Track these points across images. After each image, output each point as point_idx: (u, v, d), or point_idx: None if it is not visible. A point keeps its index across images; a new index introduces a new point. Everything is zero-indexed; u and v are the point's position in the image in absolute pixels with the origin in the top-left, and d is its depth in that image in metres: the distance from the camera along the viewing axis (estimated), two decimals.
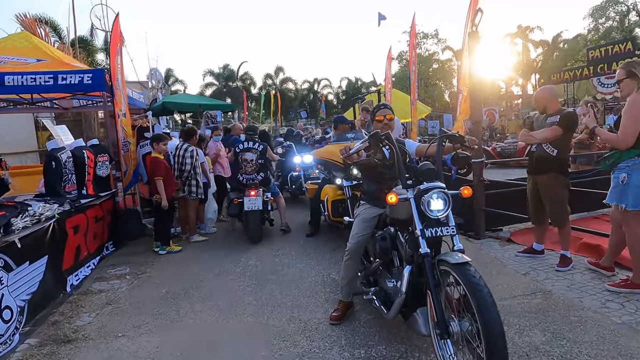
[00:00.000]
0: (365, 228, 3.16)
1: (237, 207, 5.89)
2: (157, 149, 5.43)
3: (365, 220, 3.17)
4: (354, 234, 3.19)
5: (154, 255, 5.40)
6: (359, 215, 3.26)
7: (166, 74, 39.53)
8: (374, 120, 3.28)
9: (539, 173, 4.16)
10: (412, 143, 3.35)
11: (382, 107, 3.27)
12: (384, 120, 3.20)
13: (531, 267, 4.13)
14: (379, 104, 3.35)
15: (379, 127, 3.19)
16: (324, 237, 5.74)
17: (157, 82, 10.64)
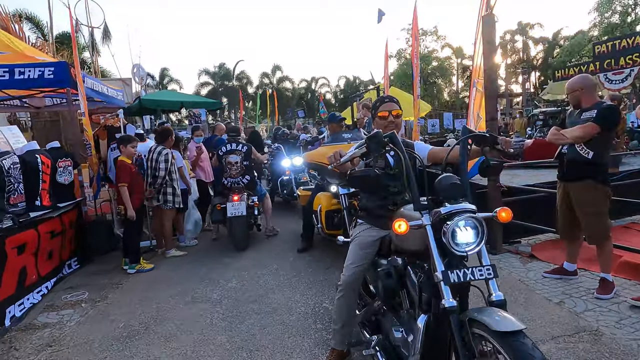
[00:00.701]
0: (364, 256, 2.46)
1: (220, 213, 5.44)
2: (125, 151, 4.72)
3: (364, 246, 2.47)
4: (349, 263, 2.49)
5: (121, 274, 4.69)
6: (355, 238, 2.56)
7: (161, 74, 38.83)
8: (375, 118, 2.57)
9: (572, 180, 3.47)
10: (422, 146, 2.65)
11: (387, 100, 2.55)
12: (388, 116, 2.48)
13: (564, 292, 3.43)
14: (382, 97, 2.63)
15: (383, 125, 2.50)
16: (317, 253, 5.03)
17: (140, 79, 9.92)
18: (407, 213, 1.99)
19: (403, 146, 2.06)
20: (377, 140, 1.97)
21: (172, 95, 8.57)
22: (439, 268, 1.73)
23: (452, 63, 39.31)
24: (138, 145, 5.60)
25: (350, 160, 2.15)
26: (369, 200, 2.58)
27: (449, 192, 1.81)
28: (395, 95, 8.33)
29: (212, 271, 4.60)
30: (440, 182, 1.84)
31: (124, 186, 4.58)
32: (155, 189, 5.07)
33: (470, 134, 2.04)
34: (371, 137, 1.98)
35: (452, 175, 1.87)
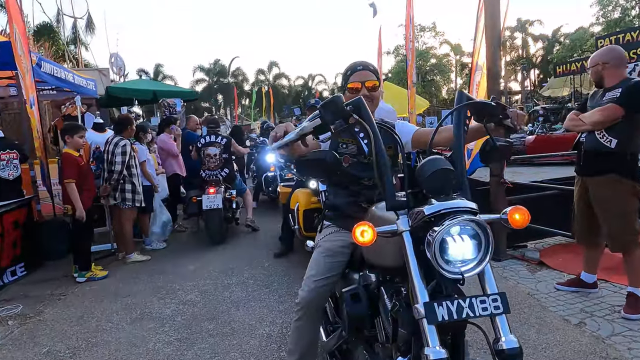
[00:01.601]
0: (330, 267, 1.88)
1: (196, 205, 5.23)
2: (71, 143, 4.09)
3: (330, 254, 1.90)
4: (311, 275, 1.91)
5: (69, 283, 4.09)
6: (319, 245, 1.98)
7: (155, 70, 38.17)
8: (345, 91, 1.95)
9: (592, 174, 2.88)
10: (407, 127, 2.05)
11: (360, 67, 1.92)
12: (361, 89, 1.88)
13: (584, 310, 2.84)
14: (354, 63, 2.00)
15: None
16: (296, 259, 4.43)
17: (118, 69, 9.31)
18: (378, 214, 1.42)
19: (376, 123, 1.47)
20: (336, 108, 1.36)
21: (143, 84, 7.91)
22: (421, 298, 1.15)
23: (450, 60, 38.74)
24: (98, 137, 5.04)
25: (302, 142, 1.53)
26: (336, 196, 2.00)
27: (435, 182, 1.22)
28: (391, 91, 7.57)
29: (174, 280, 4.00)
30: (424, 168, 1.25)
31: (70, 182, 3.97)
32: (111, 185, 4.46)
33: (469, 101, 1.44)
34: (327, 104, 1.37)
35: (439, 158, 1.27)
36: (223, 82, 40.12)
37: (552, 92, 21.12)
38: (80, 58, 13.30)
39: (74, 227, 4.14)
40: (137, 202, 4.59)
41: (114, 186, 4.47)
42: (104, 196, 4.57)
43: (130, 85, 7.24)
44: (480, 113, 1.47)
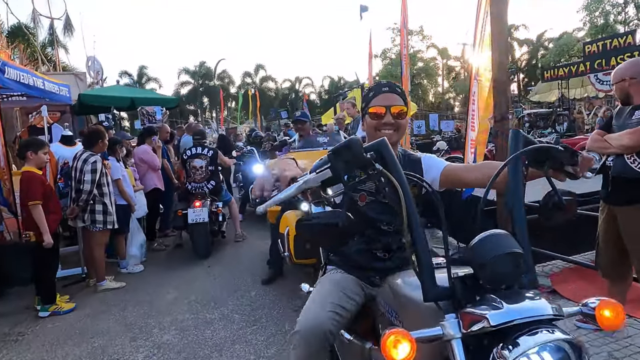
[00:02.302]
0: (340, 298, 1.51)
1: (182, 219, 5.11)
2: (35, 160, 3.64)
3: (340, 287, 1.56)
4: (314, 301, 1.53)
5: (31, 317, 3.65)
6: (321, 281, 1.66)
7: (139, 72, 37.37)
8: (365, 115, 1.62)
9: (621, 203, 2.56)
10: (434, 161, 1.70)
11: (385, 89, 1.58)
12: (385, 114, 1.54)
13: (612, 355, 2.52)
14: (378, 83, 1.66)
15: (375, 128, 1.58)
16: (287, 285, 4.03)
17: (96, 73, 8.80)
18: (407, 299, 1.07)
19: (401, 166, 1.11)
20: (352, 156, 1.01)
21: (120, 91, 7.35)
22: None
23: (437, 64, 38.82)
24: (67, 151, 4.58)
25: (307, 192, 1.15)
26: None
27: (499, 273, 0.87)
28: None
29: (149, 313, 3.58)
30: (480, 248, 0.89)
31: (36, 205, 3.52)
32: (79, 206, 4.01)
33: (530, 146, 1.10)
34: (339, 151, 1.02)
35: (501, 234, 0.92)
36: (209, 84, 39.48)
37: (540, 97, 21.13)
38: (58, 61, 12.70)
39: (37, 255, 3.68)
40: (109, 224, 4.14)
41: (83, 207, 4.02)
42: (72, 218, 4.12)
43: (105, 92, 6.73)
44: (540, 157, 1.12)
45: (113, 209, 4.18)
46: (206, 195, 5.22)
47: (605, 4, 19.45)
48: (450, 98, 41.38)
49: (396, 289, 1.24)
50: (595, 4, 19.52)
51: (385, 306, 1.38)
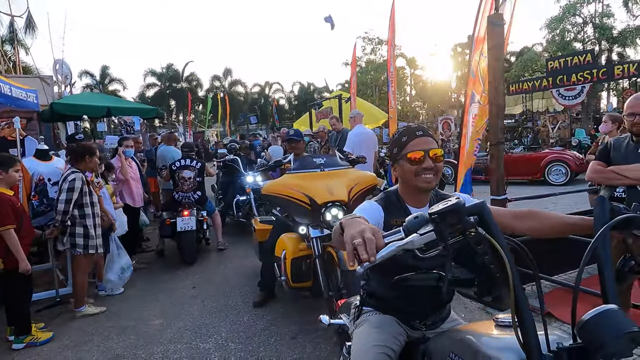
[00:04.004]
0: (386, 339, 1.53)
1: (170, 228, 5.38)
2: (6, 179, 3.31)
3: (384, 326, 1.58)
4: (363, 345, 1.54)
5: (1, 350, 3.34)
6: (362, 323, 1.65)
7: (102, 72, 35.93)
8: (399, 160, 1.59)
9: None
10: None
11: (419, 132, 1.57)
12: (424, 160, 1.51)
13: None
14: (409, 127, 1.63)
15: (413, 174, 1.54)
16: (280, 309, 3.90)
17: (64, 77, 8.33)
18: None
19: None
20: (458, 219, 1.03)
21: (95, 99, 6.95)
22: None
23: (405, 73, 39.58)
24: (42, 166, 4.27)
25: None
26: (382, 285, 1.61)
27: (619, 349, 0.88)
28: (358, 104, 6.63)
29: (136, 343, 3.36)
30: (600, 323, 0.89)
31: (8, 229, 3.21)
32: (56, 227, 3.73)
33: (620, 216, 1.09)
34: (447, 214, 1.02)
35: (616, 310, 0.92)
36: (176, 87, 38.54)
37: (506, 110, 21.95)
38: (18, 61, 11.98)
39: (6, 284, 3.35)
40: (91, 249, 3.85)
41: (61, 229, 3.74)
42: (50, 238, 3.83)
43: (79, 101, 6.33)
44: (625, 224, 1.11)
45: (96, 232, 3.91)
46: (193, 204, 5.50)
47: (565, 23, 20.44)
48: (416, 106, 42.29)
49: (475, 346, 1.19)
50: (556, 23, 20.49)
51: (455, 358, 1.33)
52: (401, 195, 1.63)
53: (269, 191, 3.62)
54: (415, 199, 1.61)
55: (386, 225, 1.55)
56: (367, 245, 1.06)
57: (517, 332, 1.01)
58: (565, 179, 10.59)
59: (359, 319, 1.68)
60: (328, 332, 3.28)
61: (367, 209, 1.57)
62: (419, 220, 1.06)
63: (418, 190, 1.57)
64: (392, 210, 1.57)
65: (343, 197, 3.40)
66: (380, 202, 1.61)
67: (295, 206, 3.47)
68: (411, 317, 1.60)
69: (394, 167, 1.65)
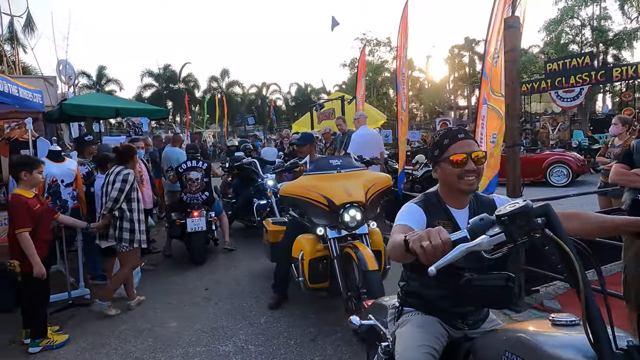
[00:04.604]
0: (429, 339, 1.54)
1: (180, 228, 5.45)
2: (30, 180, 3.31)
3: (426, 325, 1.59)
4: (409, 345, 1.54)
5: (18, 354, 3.32)
6: (404, 323, 1.66)
7: (98, 73, 35.77)
8: (439, 163, 1.61)
9: None
10: None
11: (461, 135, 1.59)
12: (466, 162, 1.54)
13: None
14: (449, 130, 1.64)
15: (455, 177, 1.57)
16: (296, 311, 3.89)
17: (67, 78, 8.28)
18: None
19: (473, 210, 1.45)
20: (526, 221, 1.06)
21: (104, 100, 6.92)
22: None
23: None
24: (55, 168, 4.25)
25: None
26: (425, 286, 1.63)
27: None
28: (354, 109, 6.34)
29: (154, 346, 3.34)
30: None
31: (23, 233, 3.18)
32: (104, 216, 3.81)
33: None
34: (517, 215, 1.05)
35: None
36: (173, 88, 38.41)
37: None
38: (18, 62, 11.89)
39: (24, 287, 3.33)
40: (136, 243, 3.94)
41: (109, 219, 3.82)
42: (94, 233, 3.92)
43: (88, 102, 6.28)
44: None
45: (141, 227, 4.01)
46: (201, 205, 5.52)
47: (563, 25, 20.61)
48: (413, 107, 42.42)
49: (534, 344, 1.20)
50: (554, 25, 20.65)
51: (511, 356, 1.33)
52: (441, 196, 1.65)
53: (287, 193, 3.62)
54: (456, 200, 1.63)
55: (428, 226, 1.56)
56: (435, 246, 1.07)
57: (587, 331, 1.02)
58: (566, 180, 10.64)
59: (400, 319, 1.68)
60: (348, 334, 3.29)
61: (409, 212, 1.60)
62: (484, 222, 1.08)
63: (460, 192, 1.60)
64: (432, 212, 1.60)
65: (360, 198, 3.41)
66: (420, 204, 1.63)
67: (313, 207, 3.47)
68: (453, 317, 1.61)
69: (434, 169, 1.67)
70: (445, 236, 1.08)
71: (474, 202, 1.67)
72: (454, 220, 1.60)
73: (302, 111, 35.61)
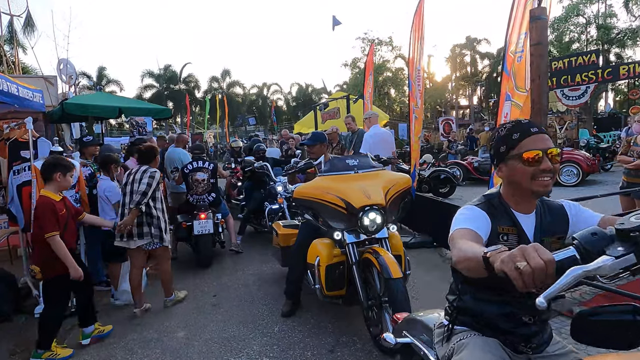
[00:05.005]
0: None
1: (186, 231, 5.35)
2: (60, 182, 3.20)
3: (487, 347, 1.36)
4: None
5: None
6: (463, 346, 1.41)
7: (99, 73, 35.60)
8: (508, 160, 1.40)
9: None
10: (584, 214, 1.50)
11: (534, 129, 1.37)
12: (542, 160, 1.33)
13: None
14: (518, 122, 1.42)
15: (528, 176, 1.35)
16: (310, 319, 3.69)
17: (68, 77, 8.09)
18: None
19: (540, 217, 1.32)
20: None
21: (107, 99, 6.69)
22: None
23: (404, 74, 39.53)
24: None
25: None
26: (479, 302, 1.43)
27: None
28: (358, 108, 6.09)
29: (162, 358, 3.15)
30: None
31: (53, 236, 3.03)
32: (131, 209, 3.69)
33: None
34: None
35: None
36: (174, 88, 38.22)
37: None
38: (17, 62, 11.70)
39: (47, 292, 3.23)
40: (166, 242, 3.93)
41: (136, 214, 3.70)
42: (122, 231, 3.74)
43: (90, 101, 6.07)
44: None
45: (167, 226, 3.98)
46: (207, 207, 5.36)
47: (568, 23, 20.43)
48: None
49: None
50: (560, 23, 20.47)
51: None
52: (505, 199, 1.45)
53: (302, 195, 3.43)
54: (524, 204, 1.43)
55: (493, 234, 1.37)
56: (536, 269, 0.87)
57: None
58: (576, 180, 10.44)
59: (452, 341, 1.48)
60: (368, 345, 3.10)
61: (472, 215, 1.39)
62: (599, 238, 0.88)
63: (530, 195, 1.40)
64: (497, 217, 1.41)
65: (380, 200, 3.22)
66: (482, 207, 1.43)
67: (330, 210, 3.27)
68: (516, 339, 1.42)
69: (499, 168, 1.45)
70: (546, 256, 0.88)
71: (540, 206, 1.47)
72: (520, 226, 1.41)
73: (303, 111, 35.45)
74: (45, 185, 3.23)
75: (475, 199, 1.49)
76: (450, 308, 1.54)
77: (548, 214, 1.46)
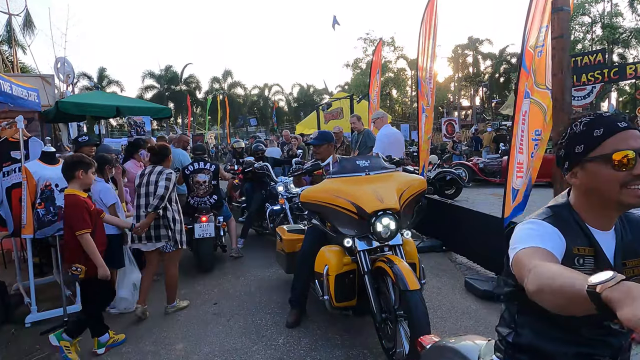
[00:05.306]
0: None
1: (186, 234, 4.71)
2: (83, 180, 3.13)
3: None
4: None
5: None
6: None
7: (99, 74, 35.44)
8: (585, 162, 1.12)
9: None
10: None
11: (624, 124, 1.09)
12: (635, 163, 1.05)
13: None
14: (599, 117, 1.12)
15: (617, 182, 1.07)
16: (316, 330, 3.47)
17: (66, 76, 7.89)
18: None
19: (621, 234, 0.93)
20: None
21: (103, 98, 6.44)
22: None
23: (406, 75, 39.34)
24: (48, 171, 3.86)
25: None
26: (542, 336, 1.17)
27: None
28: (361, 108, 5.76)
29: None
30: None
31: (84, 234, 2.96)
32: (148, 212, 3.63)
33: None
34: None
35: None
36: (175, 89, 38.05)
37: (511, 110, 21.62)
38: (16, 61, 11.50)
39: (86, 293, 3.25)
40: (182, 244, 3.89)
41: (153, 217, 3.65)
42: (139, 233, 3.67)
43: (87, 100, 5.85)
44: None
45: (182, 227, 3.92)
46: (209, 209, 5.18)
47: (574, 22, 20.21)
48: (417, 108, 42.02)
49: None
50: None
51: None
52: (578, 212, 1.17)
53: (309, 199, 3.20)
54: (603, 219, 1.16)
55: (567, 256, 1.10)
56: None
57: None
58: None
59: None
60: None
61: (543, 232, 1.11)
62: None
63: (617, 208, 1.13)
64: (570, 235, 1.12)
65: (394, 204, 2.99)
66: (552, 221, 1.14)
67: (341, 215, 3.05)
68: None
69: (572, 172, 1.17)
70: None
71: (618, 222, 1.19)
72: (598, 246, 1.13)
73: (304, 112, 35.23)
74: (69, 184, 3.13)
75: (540, 211, 1.21)
76: (503, 343, 1.27)
77: (629, 231, 1.19)
